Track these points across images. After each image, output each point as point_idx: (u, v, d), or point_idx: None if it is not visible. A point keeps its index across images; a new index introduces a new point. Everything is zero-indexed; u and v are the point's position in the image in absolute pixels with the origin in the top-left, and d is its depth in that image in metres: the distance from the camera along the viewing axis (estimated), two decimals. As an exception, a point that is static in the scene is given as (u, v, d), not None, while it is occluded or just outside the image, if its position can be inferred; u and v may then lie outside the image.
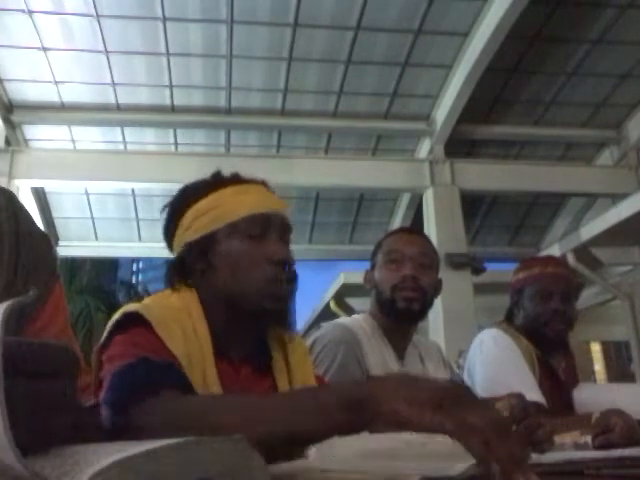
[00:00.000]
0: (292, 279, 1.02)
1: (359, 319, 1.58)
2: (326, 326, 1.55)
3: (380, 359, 1.48)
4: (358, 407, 0.60)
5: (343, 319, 1.64)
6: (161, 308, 0.96)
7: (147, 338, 0.87)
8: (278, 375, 1.04)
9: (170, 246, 1.10)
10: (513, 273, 1.97)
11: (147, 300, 1.03)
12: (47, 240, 0.89)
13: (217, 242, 1.02)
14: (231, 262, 1.01)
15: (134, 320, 0.90)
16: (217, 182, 1.06)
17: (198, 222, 1.03)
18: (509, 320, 1.94)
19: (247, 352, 1.02)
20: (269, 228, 1.02)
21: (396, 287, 1.51)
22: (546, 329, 1.81)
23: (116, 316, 0.93)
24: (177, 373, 0.84)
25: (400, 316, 1.53)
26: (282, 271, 1.01)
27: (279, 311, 1.01)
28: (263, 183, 1.10)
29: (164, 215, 1.10)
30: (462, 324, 5.57)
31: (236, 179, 1.07)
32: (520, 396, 1.08)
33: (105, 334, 0.92)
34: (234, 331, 1.01)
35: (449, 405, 0.55)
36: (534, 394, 1.63)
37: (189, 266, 1.04)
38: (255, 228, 1.01)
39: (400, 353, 1.55)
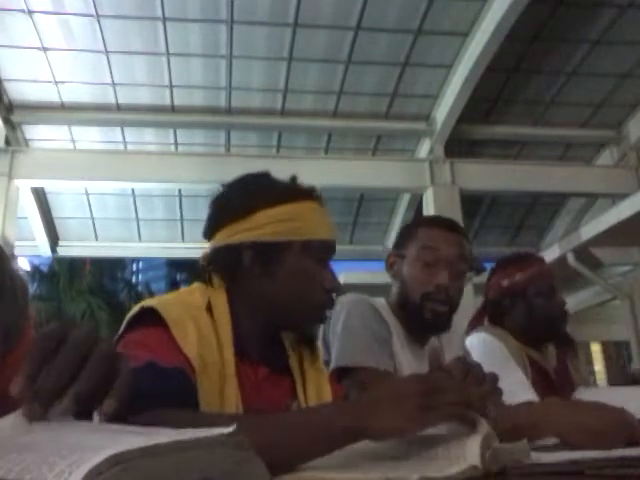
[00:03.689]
0: (332, 306, 1.08)
1: (381, 302, 1.47)
2: (353, 296, 1.44)
3: (400, 343, 1.41)
4: (349, 433, 0.67)
5: (365, 297, 1.48)
6: (179, 305, 0.94)
7: (160, 339, 0.86)
8: (295, 375, 1.04)
9: (211, 234, 1.05)
10: (501, 276, 1.93)
11: (168, 295, 1.01)
12: (24, 285, 0.83)
13: (287, 253, 1.00)
14: (295, 278, 1.01)
15: (151, 316, 0.89)
16: (297, 192, 1.05)
17: (274, 227, 1.00)
18: (494, 322, 1.94)
19: (264, 352, 1.02)
20: (330, 255, 1.06)
21: (427, 296, 1.39)
22: (556, 324, 1.84)
23: (133, 310, 0.92)
24: (182, 382, 0.83)
25: (424, 327, 1.44)
26: (331, 299, 1.05)
27: (312, 334, 1.09)
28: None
29: (227, 199, 1.05)
30: (462, 324, 5.56)
31: (313, 195, 1.06)
32: (462, 358, 1.07)
33: (122, 327, 0.92)
34: (257, 334, 1.01)
35: (429, 399, 0.66)
36: (528, 395, 1.62)
37: (241, 264, 1.00)
38: (325, 253, 1.05)
39: (423, 341, 1.47)
